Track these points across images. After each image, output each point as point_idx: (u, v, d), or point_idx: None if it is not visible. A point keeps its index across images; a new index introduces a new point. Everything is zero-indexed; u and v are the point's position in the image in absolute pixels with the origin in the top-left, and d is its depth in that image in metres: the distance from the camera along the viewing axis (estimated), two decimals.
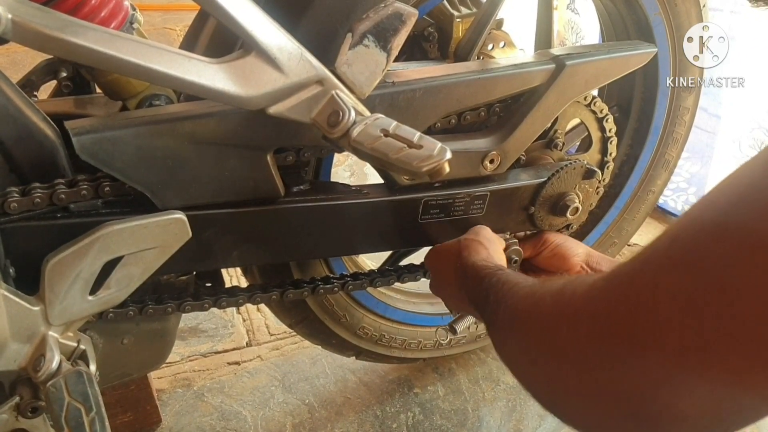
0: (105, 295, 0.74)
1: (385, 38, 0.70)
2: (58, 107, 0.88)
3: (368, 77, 0.71)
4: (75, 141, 0.69)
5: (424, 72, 0.88)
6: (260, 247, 0.85)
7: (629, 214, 1.30)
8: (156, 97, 0.82)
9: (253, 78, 0.66)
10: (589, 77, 0.97)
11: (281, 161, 0.82)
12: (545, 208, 1.00)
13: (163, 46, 0.63)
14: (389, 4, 0.70)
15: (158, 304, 0.84)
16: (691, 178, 1.82)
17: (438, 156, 0.62)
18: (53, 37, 0.59)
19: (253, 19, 0.64)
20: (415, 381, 1.33)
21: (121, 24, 0.78)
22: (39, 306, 0.71)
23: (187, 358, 1.37)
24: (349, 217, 0.88)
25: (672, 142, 1.24)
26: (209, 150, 0.75)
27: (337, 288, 0.96)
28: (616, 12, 1.12)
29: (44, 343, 0.72)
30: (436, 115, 0.89)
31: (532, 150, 1.02)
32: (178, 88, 0.66)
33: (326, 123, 0.69)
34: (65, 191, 0.71)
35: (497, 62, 0.95)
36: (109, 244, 0.70)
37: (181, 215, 0.73)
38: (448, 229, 0.96)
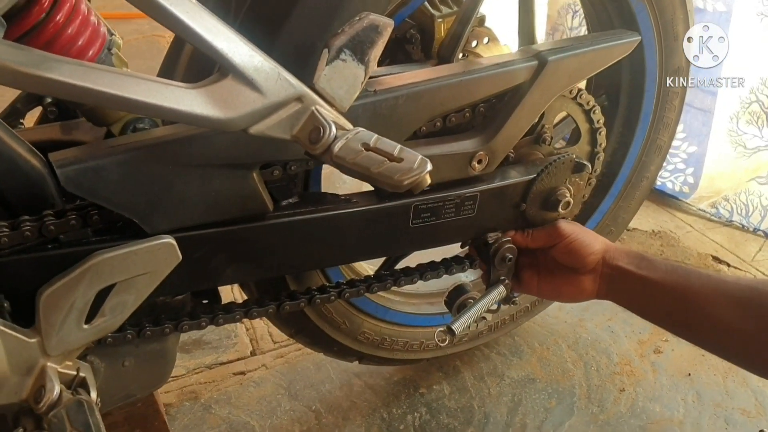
0: (100, 322, 0.74)
1: (362, 51, 0.70)
2: (44, 135, 0.88)
3: (348, 91, 0.71)
4: (59, 173, 0.69)
5: (405, 78, 0.87)
6: (253, 264, 0.85)
7: (624, 201, 1.30)
8: (140, 120, 0.82)
9: (231, 100, 0.65)
10: (573, 71, 0.97)
11: (268, 176, 0.82)
12: (537, 204, 1.00)
13: (140, 74, 0.63)
14: (364, 16, 0.70)
15: (156, 326, 0.85)
16: (688, 158, 1.82)
17: (418, 169, 0.62)
18: (27, 73, 0.59)
19: (227, 41, 0.64)
20: (420, 381, 1.33)
21: (99, 51, 0.78)
22: (36, 338, 0.72)
23: (193, 371, 1.38)
24: (339, 227, 0.88)
25: (663, 127, 1.24)
26: (194, 172, 0.75)
27: (334, 297, 0.97)
28: (598, 2, 1.11)
29: (44, 374, 0.73)
30: (420, 119, 0.89)
31: (520, 146, 1.02)
32: (157, 116, 0.66)
33: (308, 139, 0.69)
34: (54, 223, 0.71)
35: (479, 62, 0.95)
36: (100, 272, 0.71)
37: (169, 239, 0.73)
38: (440, 231, 0.96)
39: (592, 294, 0.95)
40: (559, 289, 0.98)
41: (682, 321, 0.87)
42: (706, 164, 1.78)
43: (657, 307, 0.90)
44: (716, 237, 1.72)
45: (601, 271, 0.93)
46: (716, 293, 0.82)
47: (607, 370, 1.34)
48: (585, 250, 0.93)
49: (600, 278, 0.94)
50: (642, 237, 1.71)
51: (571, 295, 0.97)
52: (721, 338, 0.83)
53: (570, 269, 0.96)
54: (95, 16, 0.80)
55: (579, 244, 0.95)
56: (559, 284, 0.97)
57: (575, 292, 0.96)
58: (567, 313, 1.47)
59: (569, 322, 1.46)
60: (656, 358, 1.36)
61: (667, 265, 0.90)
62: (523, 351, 1.40)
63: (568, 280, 0.96)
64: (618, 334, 1.42)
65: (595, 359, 1.37)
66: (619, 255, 0.93)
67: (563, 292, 0.98)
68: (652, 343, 1.39)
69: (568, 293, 0.97)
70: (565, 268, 0.96)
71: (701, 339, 0.87)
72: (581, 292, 0.95)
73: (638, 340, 1.40)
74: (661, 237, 1.71)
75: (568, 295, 0.98)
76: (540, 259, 1.01)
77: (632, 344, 1.40)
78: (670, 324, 0.91)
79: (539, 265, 1.01)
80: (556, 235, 0.97)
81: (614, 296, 0.95)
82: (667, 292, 0.87)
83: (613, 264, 0.93)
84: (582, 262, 0.94)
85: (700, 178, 1.79)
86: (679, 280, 0.86)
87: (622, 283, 0.92)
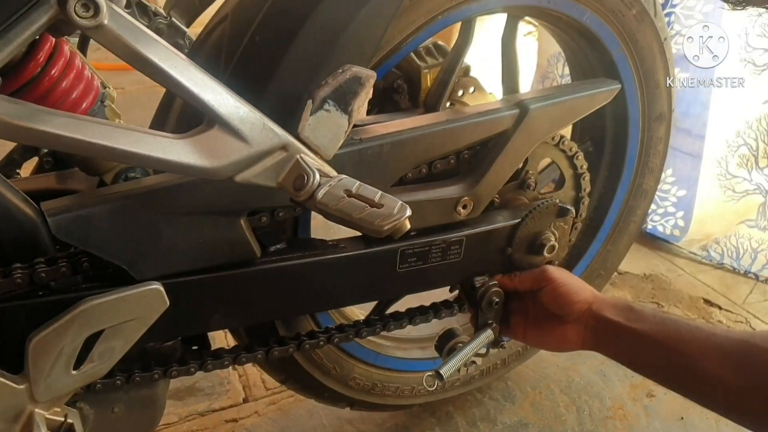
0: (89, 368, 0.75)
1: (345, 101, 0.73)
2: (39, 184, 0.90)
3: (331, 139, 0.73)
4: (50, 222, 0.71)
5: (390, 126, 0.90)
6: (241, 309, 0.87)
7: (612, 245, 1.31)
8: (131, 170, 0.84)
9: (217, 150, 0.68)
10: (554, 118, 0.99)
11: (256, 223, 0.83)
12: (522, 249, 1.01)
13: (129, 126, 0.66)
14: (347, 68, 0.73)
15: (145, 371, 0.86)
16: (678, 202, 1.84)
17: (398, 214, 0.64)
18: (19, 126, 0.61)
19: (213, 93, 0.67)
20: (413, 427, 1.33)
21: (92, 103, 0.80)
22: (24, 384, 0.73)
23: (185, 419, 1.37)
24: (327, 272, 0.90)
25: (648, 172, 1.27)
26: (182, 220, 0.77)
27: (323, 342, 0.97)
28: (580, 51, 1.15)
29: (31, 420, 0.73)
30: (405, 167, 0.91)
31: (505, 192, 1.04)
32: (145, 165, 0.69)
33: (292, 186, 0.71)
34: (45, 270, 0.73)
35: (463, 111, 0.98)
36: (88, 319, 0.72)
37: (157, 286, 0.75)
38: (427, 276, 0.97)
39: (577, 344, 0.94)
40: (545, 337, 0.98)
41: (671, 374, 0.86)
42: (696, 208, 1.80)
43: (646, 360, 0.89)
44: (707, 280, 1.73)
45: (587, 322, 0.93)
46: (707, 346, 0.82)
47: (599, 414, 1.34)
48: (571, 297, 0.93)
49: (585, 329, 0.93)
50: (634, 280, 1.72)
51: (556, 343, 0.97)
52: (711, 392, 0.82)
53: (556, 317, 0.95)
54: (89, 70, 0.82)
55: (566, 289, 0.95)
56: (545, 332, 0.97)
57: (559, 341, 0.96)
58: (559, 357, 1.47)
59: (561, 366, 1.46)
60: (649, 401, 1.36)
61: (656, 316, 0.89)
62: (516, 396, 1.39)
63: (553, 328, 0.96)
64: (610, 378, 1.42)
65: (587, 403, 1.36)
66: (607, 306, 0.92)
67: (548, 341, 0.98)
68: (645, 387, 1.39)
69: (553, 342, 0.97)
70: (551, 316, 0.96)
71: (691, 392, 0.85)
72: (565, 341, 0.95)
73: (631, 384, 1.40)
74: (652, 280, 1.72)
75: (552, 343, 0.97)
76: (529, 304, 1.01)
77: (625, 388, 1.39)
78: (659, 376, 0.90)
79: (528, 311, 1.01)
80: (543, 278, 0.98)
81: (601, 348, 0.94)
82: (657, 344, 0.86)
83: (600, 315, 0.92)
84: (568, 309, 0.93)
85: (690, 221, 1.81)
86: (668, 333, 0.85)
87: (609, 335, 0.91)
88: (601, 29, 1.08)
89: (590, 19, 1.06)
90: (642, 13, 1.10)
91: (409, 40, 0.93)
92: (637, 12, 1.09)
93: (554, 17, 1.06)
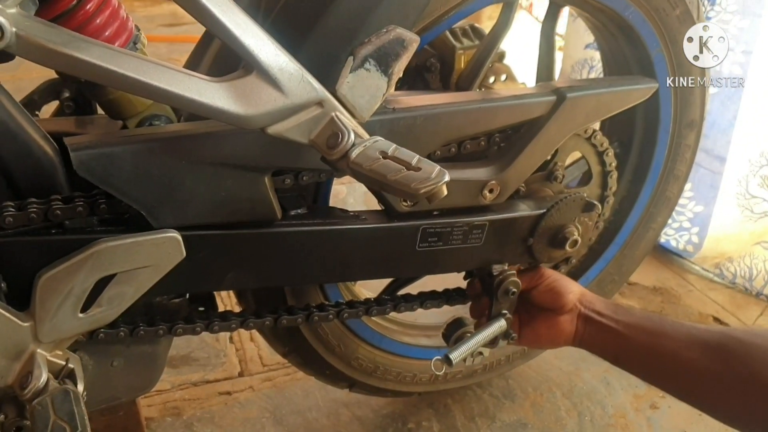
0: (96, 313, 0.73)
1: (386, 63, 0.70)
2: (59, 126, 0.88)
3: (368, 101, 0.71)
4: (73, 156, 0.69)
5: (424, 99, 0.88)
6: (255, 271, 0.84)
7: (629, 250, 1.29)
8: (156, 117, 0.83)
9: (253, 97, 0.65)
10: (590, 110, 0.97)
11: (279, 184, 0.81)
12: (544, 240, 0.99)
13: (165, 63, 0.64)
14: (391, 29, 0.71)
15: (150, 326, 0.83)
16: (694, 217, 1.81)
17: (436, 178, 0.62)
18: (57, 51, 0.59)
19: (255, 39, 0.65)
20: (410, 416, 1.30)
21: (125, 44, 0.78)
22: (29, 322, 0.70)
23: (178, 387, 1.35)
24: (346, 242, 0.87)
25: (673, 179, 1.24)
26: (207, 170, 0.74)
27: (332, 315, 0.95)
28: (618, 47, 1.13)
29: (32, 360, 0.71)
30: (436, 142, 0.88)
31: (531, 182, 1.01)
32: (178, 105, 0.66)
33: (325, 144, 0.68)
34: (61, 207, 0.71)
35: (498, 92, 0.96)
36: (102, 260, 0.70)
37: (175, 234, 0.72)
38: (445, 257, 0.95)
39: (569, 335, 0.97)
40: (539, 332, 1.00)
41: (656, 366, 0.90)
42: (711, 225, 1.77)
43: (631, 352, 0.93)
44: (718, 298, 1.71)
45: (579, 312, 0.96)
46: (689, 339, 0.86)
47: (601, 421, 1.32)
48: (565, 290, 0.97)
49: (577, 319, 0.97)
50: (643, 292, 1.70)
51: (550, 336, 0.99)
52: (694, 383, 0.85)
53: (550, 311, 0.98)
54: (124, 11, 0.80)
55: (561, 283, 0.98)
56: (540, 328, 1.00)
57: (554, 332, 0.98)
58: (563, 361, 1.45)
59: (565, 370, 1.43)
60: (652, 413, 1.33)
61: (642, 312, 0.97)
62: (516, 395, 1.37)
63: (547, 321, 0.99)
64: (614, 386, 1.40)
65: (589, 409, 1.34)
66: (596, 300, 0.97)
67: (542, 335, 1.00)
68: (649, 398, 1.36)
69: (547, 335, 0.99)
70: (544, 311, 0.99)
71: (675, 385, 0.89)
72: (560, 332, 0.97)
73: (634, 394, 1.37)
74: (662, 293, 1.70)
75: (547, 337, 1.00)
76: (520, 306, 1.02)
77: (628, 397, 1.37)
78: (643, 370, 0.94)
79: (519, 312, 1.03)
80: (539, 276, 1.01)
81: (589, 342, 0.97)
82: (643, 335, 0.90)
83: (590, 306, 0.96)
84: (563, 301, 0.96)
85: (705, 238, 1.78)
86: (653, 327, 0.90)
87: (598, 327, 0.95)
88: (643, 26, 1.05)
89: (633, 15, 1.04)
90: (685, 14, 1.07)
91: (450, 14, 0.91)
92: (680, 12, 1.07)
93: (596, 8, 1.04)
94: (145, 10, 3.88)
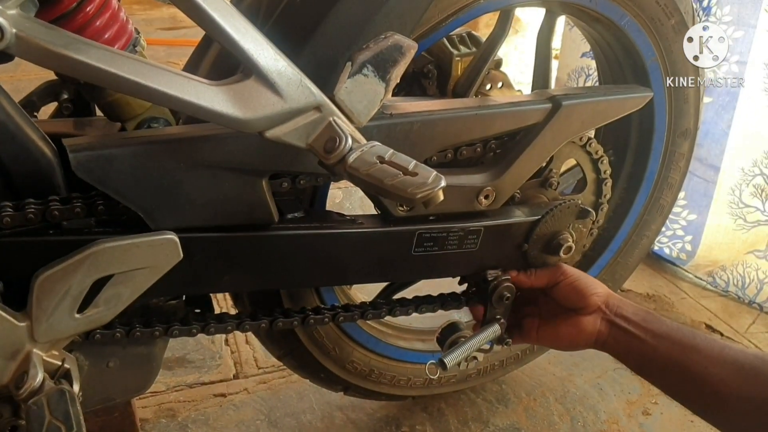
0: (93, 313, 0.73)
1: (384, 68, 0.71)
2: (57, 127, 0.88)
3: (366, 106, 0.72)
4: (71, 157, 0.69)
5: (421, 105, 0.89)
6: (252, 273, 0.84)
7: (623, 258, 1.30)
8: (155, 119, 0.83)
9: (251, 101, 0.66)
10: (585, 118, 0.98)
11: (276, 187, 0.82)
12: (539, 246, 1.00)
13: (165, 66, 0.64)
14: (389, 35, 0.72)
15: (146, 327, 0.83)
16: (687, 225, 1.83)
17: (432, 183, 0.62)
18: (56, 53, 0.60)
19: (254, 43, 0.65)
20: (404, 420, 1.31)
21: (124, 46, 0.79)
22: (25, 322, 0.70)
23: (173, 388, 1.35)
24: (342, 246, 0.88)
25: (667, 187, 1.25)
26: (205, 173, 0.75)
27: (328, 319, 0.96)
28: (613, 56, 1.14)
29: (28, 360, 0.71)
30: (432, 148, 0.89)
31: (526, 188, 1.02)
32: (177, 108, 0.67)
33: (323, 149, 0.69)
34: (59, 208, 0.71)
35: (495, 99, 0.97)
36: (99, 261, 0.70)
37: (173, 236, 0.73)
38: (441, 262, 0.95)
39: (592, 336, 0.93)
40: (559, 334, 0.96)
41: (682, 382, 0.85)
42: (705, 233, 1.79)
43: (657, 365, 0.88)
44: (711, 306, 1.72)
45: (604, 314, 0.92)
46: (722, 356, 0.81)
47: (593, 427, 1.32)
48: (588, 290, 0.93)
49: (602, 321, 0.92)
50: (636, 299, 1.70)
51: (571, 337, 0.95)
52: (720, 404, 0.80)
53: (572, 311, 0.95)
54: (124, 14, 0.81)
55: (584, 282, 0.95)
56: (560, 328, 0.96)
57: (575, 333, 0.94)
58: (556, 366, 1.45)
59: (558, 375, 1.44)
60: (644, 419, 1.34)
61: (673, 323, 0.89)
62: (510, 399, 1.37)
63: (569, 321, 0.94)
64: (607, 392, 1.40)
65: (582, 415, 1.35)
66: (624, 305, 0.92)
67: (563, 337, 0.96)
68: (641, 404, 1.37)
69: (568, 336, 0.95)
70: (566, 311, 0.95)
71: (699, 403, 0.84)
72: (581, 333, 0.93)
73: (627, 400, 1.38)
74: (655, 300, 1.71)
75: (567, 337, 0.95)
76: (541, 304, 1.01)
77: (621, 403, 1.37)
78: (667, 383, 0.88)
79: (540, 311, 1.01)
80: (560, 273, 0.97)
81: (613, 347, 0.93)
82: (671, 347, 0.85)
83: (617, 312, 0.92)
84: (585, 302, 0.93)
85: (698, 246, 1.79)
86: (684, 339, 0.85)
87: (623, 333, 0.91)
88: (639, 36, 1.07)
89: (628, 24, 1.05)
90: (680, 24, 1.09)
91: (448, 21, 0.92)
92: (675, 22, 1.08)
93: (592, 17, 1.05)
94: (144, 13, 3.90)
